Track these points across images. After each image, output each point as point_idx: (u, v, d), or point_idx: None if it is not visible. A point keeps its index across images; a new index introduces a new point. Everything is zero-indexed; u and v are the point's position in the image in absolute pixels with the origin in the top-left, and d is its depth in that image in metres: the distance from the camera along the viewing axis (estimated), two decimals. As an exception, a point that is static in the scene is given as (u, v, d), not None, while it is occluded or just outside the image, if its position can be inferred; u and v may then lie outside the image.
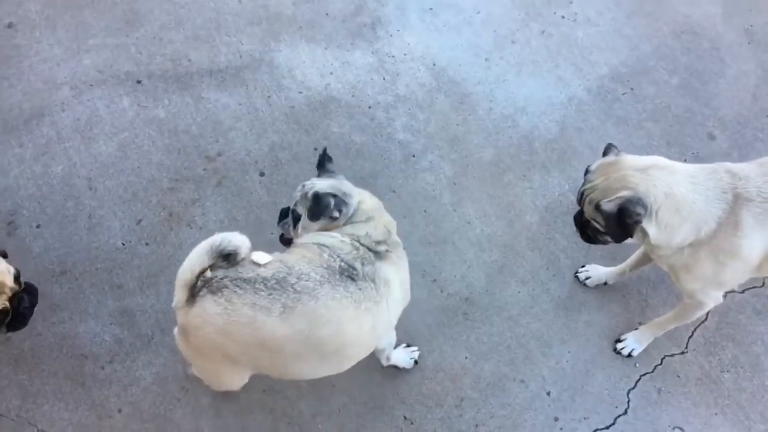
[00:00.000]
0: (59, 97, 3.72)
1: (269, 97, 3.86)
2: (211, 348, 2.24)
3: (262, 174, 3.57)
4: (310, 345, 2.23)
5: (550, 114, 3.94)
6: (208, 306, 2.12)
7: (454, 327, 3.19)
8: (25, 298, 2.58)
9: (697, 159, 3.71)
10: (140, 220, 3.38)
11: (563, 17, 4.40)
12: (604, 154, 2.71)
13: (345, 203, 2.45)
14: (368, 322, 2.32)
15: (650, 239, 2.51)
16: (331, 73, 3.98)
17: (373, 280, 2.32)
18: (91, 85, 3.78)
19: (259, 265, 2.20)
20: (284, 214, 2.65)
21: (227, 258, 2.14)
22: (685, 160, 3.76)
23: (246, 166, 3.59)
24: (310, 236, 2.46)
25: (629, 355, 3.12)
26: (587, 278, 3.31)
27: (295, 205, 2.55)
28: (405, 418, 2.96)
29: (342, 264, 2.28)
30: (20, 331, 3.00)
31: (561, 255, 3.43)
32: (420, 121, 3.84)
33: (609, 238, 2.64)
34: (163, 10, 4.12)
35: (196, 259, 2.10)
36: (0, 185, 3.40)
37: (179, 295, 2.16)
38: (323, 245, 2.36)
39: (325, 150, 2.68)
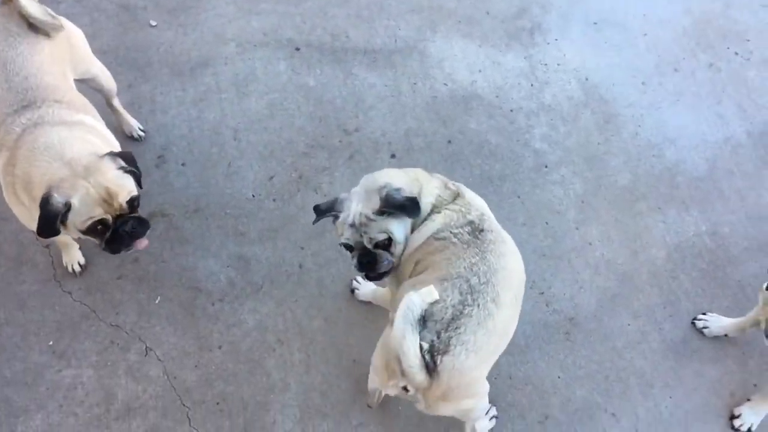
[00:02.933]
0: (225, 51, 3.98)
1: (415, 83, 3.92)
2: (474, 385, 2.23)
3: (393, 156, 3.64)
4: (517, 302, 2.31)
5: (702, 151, 3.72)
6: (455, 362, 2.06)
7: (553, 344, 3.10)
8: (129, 224, 2.56)
9: None
10: (272, 177, 3.55)
11: (736, 53, 4.13)
12: None
13: (397, 188, 2.32)
14: (513, 243, 2.40)
15: None
16: (480, 71, 3.98)
17: (483, 213, 2.37)
18: (255, 46, 4.02)
19: (435, 302, 2.10)
20: (371, 258, 2.40)
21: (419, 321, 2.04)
22: None
23: (379, 146, 3.67)
24: (414, 242, 2.38)
25: (749, 431, 2.89)
26: (705, 327, 3.10)
27: (371, 242, 2.36)
28: (484, 421, 2.92)
29: (466, 229, 2.29)
30: (148, 254, 3.28)
31: (683, 297, 3.23)
32: (560, 134, 3.76)
33: None
34: (333, -14, 4.30)
35: (410, 341, 1.96)
36: (158, 121, 3.70)
37: (419, 378, 2.03)
38: (435, 236, 2.33)
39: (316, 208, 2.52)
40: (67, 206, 2.40)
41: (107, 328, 3.11)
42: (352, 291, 3.19)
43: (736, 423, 2.89)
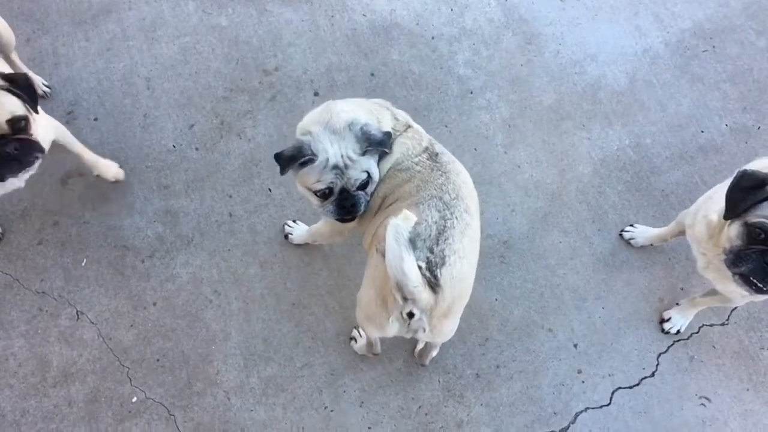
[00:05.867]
0: (128, -5, 3.75)
1: (333, 16, 3.79)
2: (467, 295, 2.27)
3: (316, 94, 3.54)
4: (478, 211, 2.35)
5: (621, 64, 3.75)
6: (453, 271, 2.08)
7: (489, 268, 3.15)
8: (11, 145, 2.35)
9: (773, 128, 3.50)
10: (192, 125, 3.42)
11: (651, -36, 4.13)
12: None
13: (365, 123, 2.27)
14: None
15: None
16: (399, -1, 3.88)
17: (430, 138, 2.45)
18: (160, -13, 3.80)
19: (418, 223, 2.09)
20: (354, 201, 2.31)
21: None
22: (759, 129, 3.54)
23: (301, 84, 3.56)
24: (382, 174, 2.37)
25: (678, 332, 3.01)
26: (632, 238, 3.20)
27: (355, 183, 2.29)
28: (427, 349, 2.96)
29: (424, 156, 2.34)
30: (69, 216, 3.14)
31: (610, 210, 3.31)
32: (483, 58, 3.72)
33: None
34: None
35: (409, 261, 1.92)
36: (64, 75, 3.48)
37: (426, 296, 2.03)
38: (396, 168, 2.33)
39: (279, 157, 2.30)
40: None
41: (33, 295, 2.99)
42: (286, 236, 3.14)
43: (666, 326, 3.02)
